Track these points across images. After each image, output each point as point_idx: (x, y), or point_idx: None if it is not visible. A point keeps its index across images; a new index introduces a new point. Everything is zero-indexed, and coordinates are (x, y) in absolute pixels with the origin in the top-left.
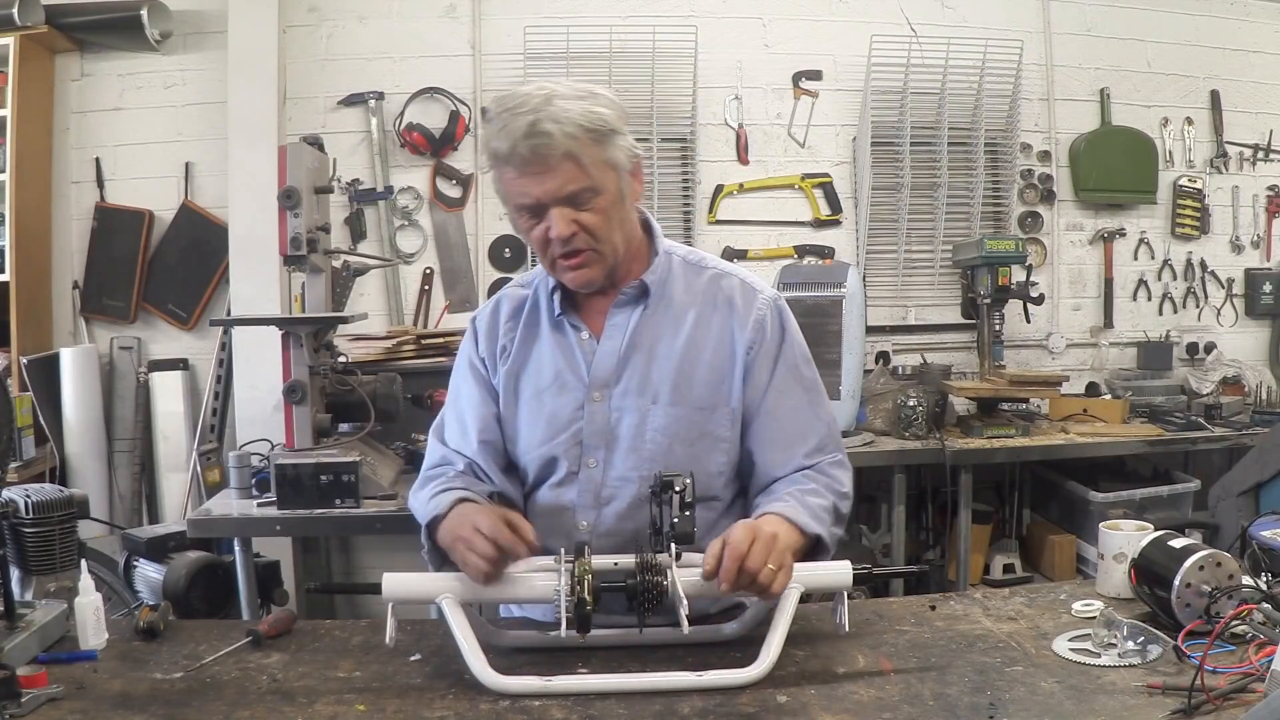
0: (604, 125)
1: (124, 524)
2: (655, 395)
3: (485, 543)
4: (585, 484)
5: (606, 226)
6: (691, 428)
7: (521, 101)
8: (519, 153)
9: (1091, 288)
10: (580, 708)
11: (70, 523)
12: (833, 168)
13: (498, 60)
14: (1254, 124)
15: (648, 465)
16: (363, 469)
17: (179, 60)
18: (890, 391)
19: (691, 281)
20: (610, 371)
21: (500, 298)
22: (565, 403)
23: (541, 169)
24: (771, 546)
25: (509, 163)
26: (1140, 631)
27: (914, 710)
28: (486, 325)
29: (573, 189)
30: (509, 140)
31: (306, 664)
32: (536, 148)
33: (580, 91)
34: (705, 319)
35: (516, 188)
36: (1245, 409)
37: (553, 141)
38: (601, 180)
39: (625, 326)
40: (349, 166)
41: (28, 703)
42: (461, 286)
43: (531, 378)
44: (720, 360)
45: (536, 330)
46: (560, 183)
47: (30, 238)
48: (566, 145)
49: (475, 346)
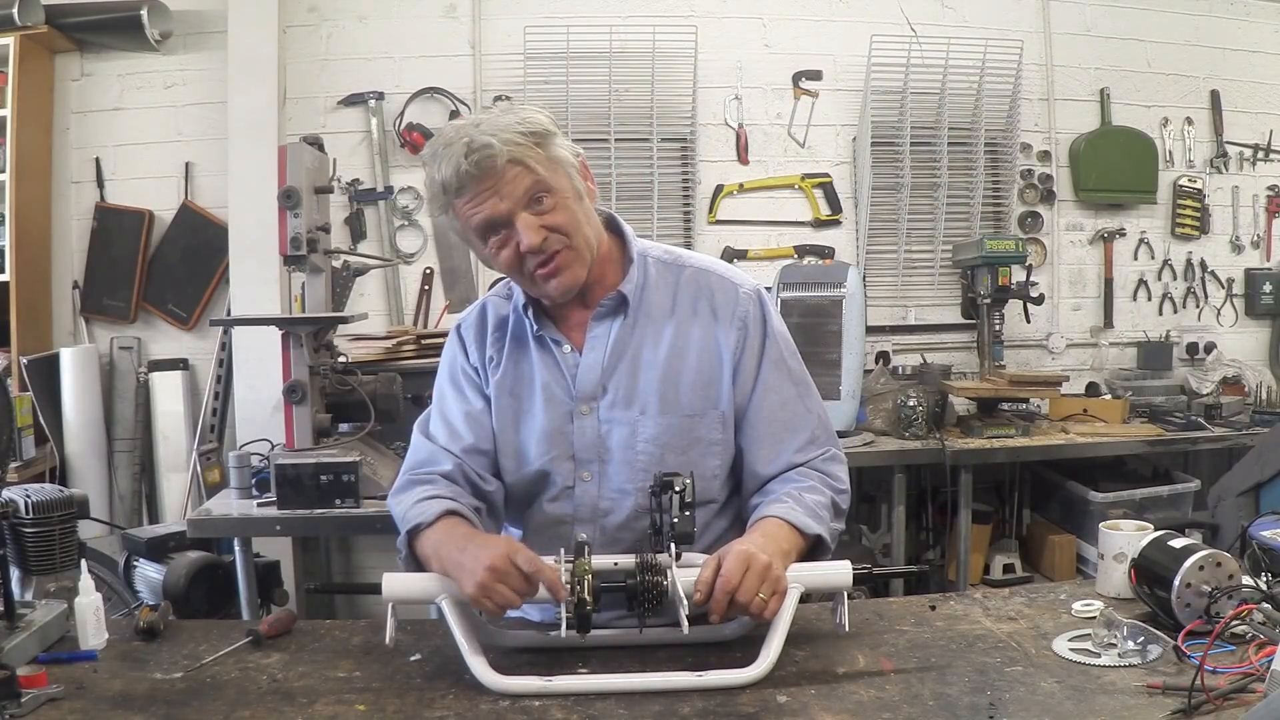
0: (539, 127)
1: (124, 524)
2: (644, 406)
3: (522, 582)
4: (582, 498)
5: (574, 222)
6: (682, 435)
7: (452, 132)
8: (466, 172)
9: (1091, 288)
10: (580, 708)
11: (70, 523)
12: (833, 168)
13: (498, 60)
14: (1254, 124)
15: (642, 477)
16: (363, 469)
17: (179, 60)
18: (890, 391)
19: (670, 282)
20: (595, 384)
21: (485, 305)
22: (554, 417)
23: (492, 181)
24: (765, 576)
25: (459, 190)
26: (1140, 631)
27: (914, 710)
28: (475, 333)
29: (527, 186)
30: (451, 165)
31: (306, 664)
32: (480, 161)
33: (504, 109)
34: (687, 323)
35: (472, 211)
36: (1245, 409)
37: (495, 150)
38: (552, 177)
39: (606, 338)
40: (349, 166)
41: (28, 703)
42: (461, 286)
43: (522, 393)
44: (706, 364)
45: (524, 344)
46: (512, 188)
47: (30, 238)
48: (509, 152)
49: (465, 356)
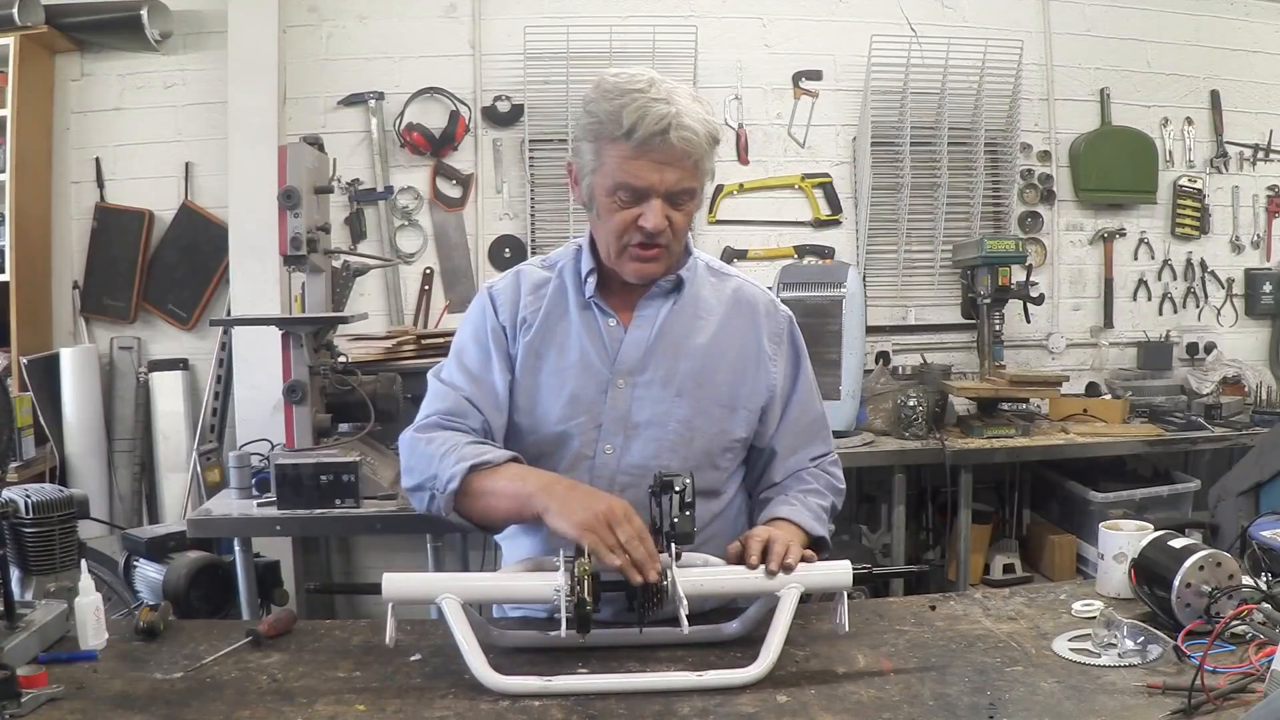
0: (719, 135)
1: (124, 524)
2: (680, 388)
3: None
4: (600, 469)
5: (685, 228)
6: (712, 423)
7: (652, 85)
8: (658, 138)
9: (1091, 288)
10: (580, 708)
11: (70, 523)
12: (833, 168)
13: (498, 60)
14: (1254, 124)
15: (666, 455)
16: (363, 469)
17: (179, 60)
18: (890, 391)
19: (717, 285)
20: (637, 360)
21: (520, 271)
22: (588, 384)
23: (669, 159)
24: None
25: (636, 144)
26: (1140, 631)
27: (914, 710)
28: (508, 295)
29: (685, 187)
30: (648, 124)
31: (306, 664)
32: (678, 140)
33: (692, 94)
34: (730, 321)
35: (630, 168)
36: (1245, 409)
37: (695, 140)
38: (702, 186)
39: (655, 318)
40: (349, 166)
41: (28, 703)
42: (461, 286)
43: (555, 354)
44: (744, 362)
45: (563, 310)
46: (678, 179)
47: (30, 238)
48: (699, 150)
49: (495, 314)
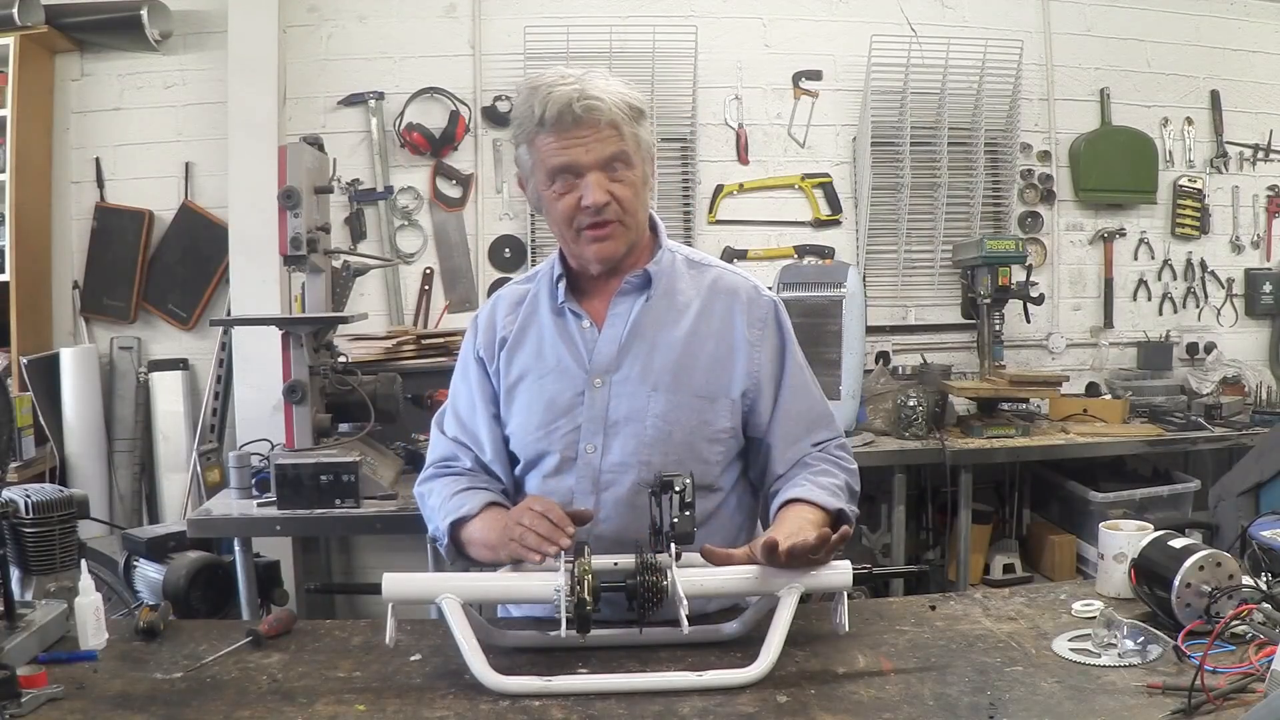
0: (641, 105)
1: (124, 524)
2: (656, 383)
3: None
4: (584, 470)
5: (634, 201)
6: (691, 415)
7: (561, 77)
8: (571, 114)
9: (1091, 288)
10: (580, 708)
11: (70, 523)
12: (833, 168)
13: (498, 60)
14: (1254, 124)
15: (647, 451)
16: (363, 469)
17: (179, 60)
18: (890, 391)
19: (694, 277)
20: (611, 359)
21: (499, 295)
22: (566, 388)
23: (587, 132)
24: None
25: (555, 128)
26: (1140, 631)
27: (914, 710)
28: (486, 321)
29: (613, 151)
30: (557, 105)
31: (306, 664)
32: (586, 110)
33: (608, 75)
34: (708, 311)
35: (555, 150)
36: (1245, 409)
37: (603, 106)
38: (635, 154)
39: (627, 316)
40: (349, 166)
41: (28, 703)
42: (461, 286)
43: (532, 363)
44: (723, 352)
45: (536, 318)
46: (603, 146)
47: (30, 238)
48: (613, 114)
49: (475, 343)
